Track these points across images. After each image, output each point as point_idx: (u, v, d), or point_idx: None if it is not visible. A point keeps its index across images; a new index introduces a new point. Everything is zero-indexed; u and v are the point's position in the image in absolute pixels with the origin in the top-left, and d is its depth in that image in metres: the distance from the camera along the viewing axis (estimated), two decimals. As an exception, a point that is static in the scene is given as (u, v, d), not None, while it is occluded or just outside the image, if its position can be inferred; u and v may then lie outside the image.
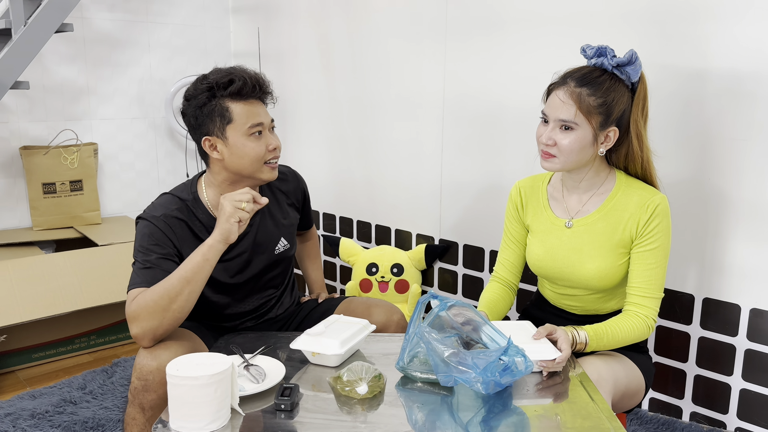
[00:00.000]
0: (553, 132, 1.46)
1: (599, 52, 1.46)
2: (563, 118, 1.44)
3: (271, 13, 3.25)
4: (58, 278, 2.54)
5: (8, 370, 2.55)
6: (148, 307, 1.42)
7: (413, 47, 2.64)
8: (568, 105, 1.44)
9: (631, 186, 1.52)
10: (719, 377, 1.98)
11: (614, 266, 1.52)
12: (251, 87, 1.58)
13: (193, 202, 1.64)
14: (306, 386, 1.32)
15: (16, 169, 2.97)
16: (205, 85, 1.58)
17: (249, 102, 1.59)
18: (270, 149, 1.61)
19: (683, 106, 1.92)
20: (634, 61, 1.44)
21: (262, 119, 1.61)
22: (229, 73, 1.59)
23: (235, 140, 1.58)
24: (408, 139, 2.73)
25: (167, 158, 3.43)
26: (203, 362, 1.17)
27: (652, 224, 1.47)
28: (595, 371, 1.40)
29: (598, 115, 1.43)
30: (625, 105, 1.46)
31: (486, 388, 1.21)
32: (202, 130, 1.61)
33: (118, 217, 3.25)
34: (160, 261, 1.53)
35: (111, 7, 3.13)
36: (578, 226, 1.55)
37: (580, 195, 1.57)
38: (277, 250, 1.74)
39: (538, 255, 1.61)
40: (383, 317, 1.69)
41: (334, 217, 3.14)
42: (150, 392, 1.42)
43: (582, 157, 1.47)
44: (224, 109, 1.57)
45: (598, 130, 1.44)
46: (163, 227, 1.57)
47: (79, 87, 3.09)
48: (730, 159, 1.86)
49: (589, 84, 1.43)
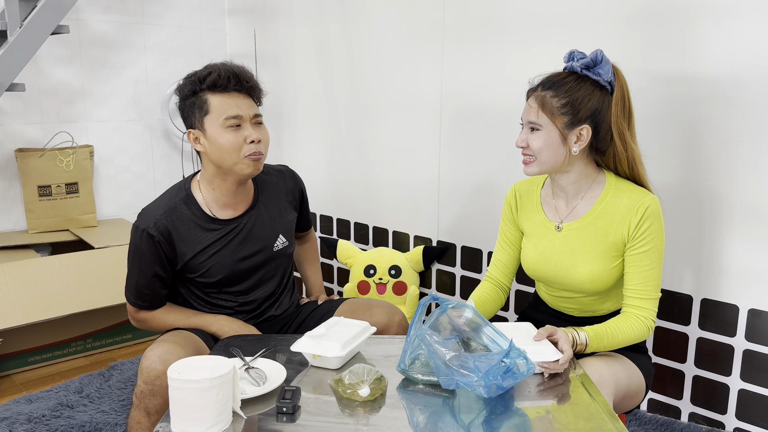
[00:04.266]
0: (525, 134, 1.52)
1: (570, 56, 1.52)
2: (530, 119, 1.51)
3: (267, 14, 3.25)
4: (54, 281, 2.52)
5: (4, 373, 2.54)
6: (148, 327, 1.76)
7: (410, 49, 2.64)
8: (533, 108, 1.51)
9: (621, 188, 1.53)
10: (718, 378, 1.98)
11: (607, 269, 1.52)
12: (225, 78, 1.60)
13: (185, 198, 1.67)
14: (307, 389, 1.31)
15: (11, 172, 2.95)
16: (190, 79, 1.63)
17: (228, 95, 1.61)
18: (248, 141, 1.61)
19: (674, 108, 1.93)
20: (600, 59, 1.47)
21: (241, 112, 1.61)
22: (209, 67, 1.64)
23: (212, 132, 1.60)
24: (405, 140, 2.73)
25: (163, 160, 3.42)
26: (205, 365, 1.16)
27: (643, 226, 1.48)
28: (597, 372, 1.40)
29: (562, 115, 1.47)
30: (598, 104, 1.47)
31: (488, 391, 1.21)
32: (187, 123, 1.66)
33: (114, 219, 3.24)
34: (141, 279, 1.67)
35: (106, 9, 3.12)
36: (568, 230, 1.56)
37: (568, 199, 1.58)
38: (276, 247, 1.74)
39: (531, 258, 1.62)
40: (385, 318, 1.69)
41: (332, 219, 3.13)
42: (156, 396, 1.41)
43: (555, 157, 1.50)
44: (203, 102, 1.61)
45: (564, 130, 1.48)
46: (146, 246, 1.63)
47: (74, 89, 3.08)
48: (725, 160, 1.87)
49: (552, 86, 1.49)
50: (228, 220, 1.68)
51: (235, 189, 1.67)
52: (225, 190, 1.66)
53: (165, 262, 1.64)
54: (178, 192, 1.69)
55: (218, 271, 1.66)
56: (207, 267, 1.66)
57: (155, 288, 1.68)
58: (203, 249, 1.65)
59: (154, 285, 1.67)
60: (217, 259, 1.66)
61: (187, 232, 1.64)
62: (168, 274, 1.67)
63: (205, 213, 1.66)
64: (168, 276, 1.68)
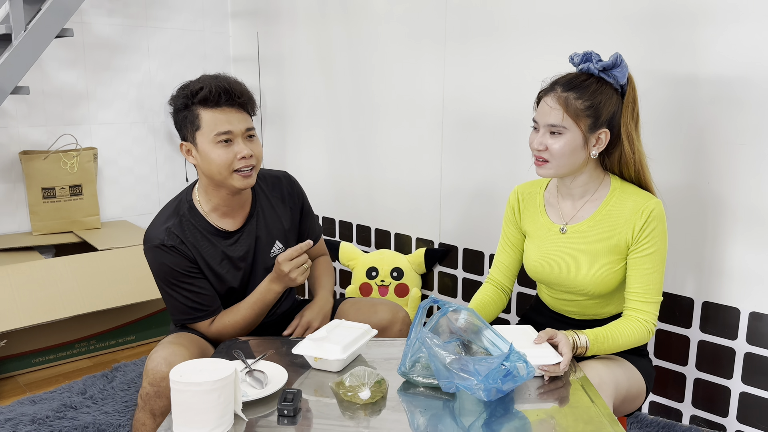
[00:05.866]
0: (543, 137, 1.48)
1: (585, 57, 1.49)
2: (552, 122, 1.46)
3: (271, 17, 3.26)
4: (57, 283, 2.54)
5: (8, 375, 2.55)
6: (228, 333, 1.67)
7: (413, 52, 2.65)
8: (555, 110, 1.46)
9: (626, 191, 1.53)
10: (719, 380, 1.99)
11: (610, 272, 1.52)
12: (216, 95, 1.57)
13: (189, 211, 1.67)
14: (308, 391, 1.32)
15: (15, 174, 2.97)
16: (183, 93, 1.61)
17: (220, 110, 1.58)
18: (239, 157, 1.59)
19: (678, 111, 1.93)
20: (620, 63, 1.46)
21: (232, 127, 1.58)
22: (202, 81, 1.61)
23: (203, 147, 1.60)
24: (407, 143, 2.74)
25: (166, 163, 3.43)
26: (206, 368, 1.17)
27: (647, 230, 1.48)
28: (597, 375, 1.40)
29: (586, 117, 1.45)
30: (615, 107, 1.47)
31: (488, 395, 1.21)
32: (180, 135, 1.66)
33: (118, 221, 3.25)
34: (182, 291, 1.62)
35: (110, 13, 3.13)
36: (572, 232, 1.56)
37: (574, 201, 1.58)
38: (272, 253, 1.75)
39: (534, 260, 1.62)
40: (388, 315, 1.70)
41: (334, 221, 3.14)
42: (162, 398, 1.42)
43: (574, 160, 1.48)
44: (195, 116, 1.60)
45: (587, 133, 1.46)
46: (168, 258, 1.61)
47: (78, 92, 3.09)
48: (727, 163, 1.87)
49: (576, 88, 1.45)
50: (231, 232, 1.69)
51: (231, 198, 1.67)
52: (221, 200, 1.66)
53: (190, 261, 1.63)
54: (181, 204, 1.68)
55: (218, 285, 1.68)
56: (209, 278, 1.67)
57: (201, 290, 1.63)
58: (207, 262, 1.66)
59: (197, 286, 1.63)
60: (219, 270, 1.67)
61: (194, 242, 1.64)
62: (200, 269, 1.64)
63: (209, 224, 1.67)
64: (201, 270, 1.65)
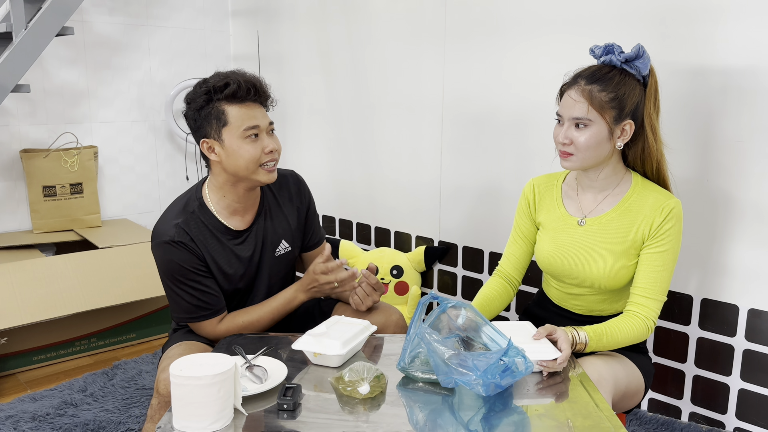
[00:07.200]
0: (568, 131, 1.49)
1: (607, 49, 1.50)
2: (577, 115, 1.47)
3: (271, 16, 3.27)
4: (58, 281, 2.54)
5: (9, 372, 2.56)
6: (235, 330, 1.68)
7: (413, 50, 2.65)
8: (580, 103, 1.47)
9: (647, 188, 1.54)
10: (718, 377, 1.99)
11: (624, 267, 1.53)
12: (245, 90, 1.59)
13: (199, 209, 1.67)
14: (308, 386, 1.32)
15: (16, 172, 2.97)
16: (203, 89, 1.61)
17: (245, 105, 1.61)
18: (266, 152, 1.62)
19: (685, 108, 1.93)
20: (642, 54, 1.47)
21: (258, 122, 1.61)
22: (226, 76, 1.62)
23: (230, 142, 1.60)
24: (407, 141, 2.75)
25: (167, 161, 3.44)
26: (206, 362, 1.17)
27: (665, 227, 1.49)
28: (596, 371, 1.41)
29: (611, 109, 1.46)
30: (638, 98, 1.48)
31: (486, 390, 1.22)
32: (200, 132, 1.64)
33: (118, 219, 3.26)
34: (187, 289, 1.62)
35: (111, 11, 3.14)
36: (591, 225, 1.56)
37: (595, 194, 1.59)
38: (278, 252, 1.75)
39: (548, 251, 1.62)
40: (382, 318, 1.70)
41: (334, 219, 3.14)
42: None
43: (600, 153, 1.49)
44: (220, 112, 1.59)
45: (612, 125, 1.47)
46: (176, 254, 1.61)
47: (79, 90, 3.10)
48: (732, 161, 1.87)
49: (599, 80, 1.46)
50: (240, 231, 1.70)
51: (246, 195, 1.68)
52: (235, 197, 1.67)
53: (198, 259, 1.63)
54: (190, 201, 1.68)
55: (225, 283, 1.68)
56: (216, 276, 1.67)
57: (207, 288, 1.64)
58: (215, 261, 1.66)
59: (203, 285, 1.63)
60: (227, 270, 1.67)
61: (203, 239, 1.64)
62: (208, 267, 1.65)
63: (219, 222, 1.67)
64: (208, 269, 1.65)
